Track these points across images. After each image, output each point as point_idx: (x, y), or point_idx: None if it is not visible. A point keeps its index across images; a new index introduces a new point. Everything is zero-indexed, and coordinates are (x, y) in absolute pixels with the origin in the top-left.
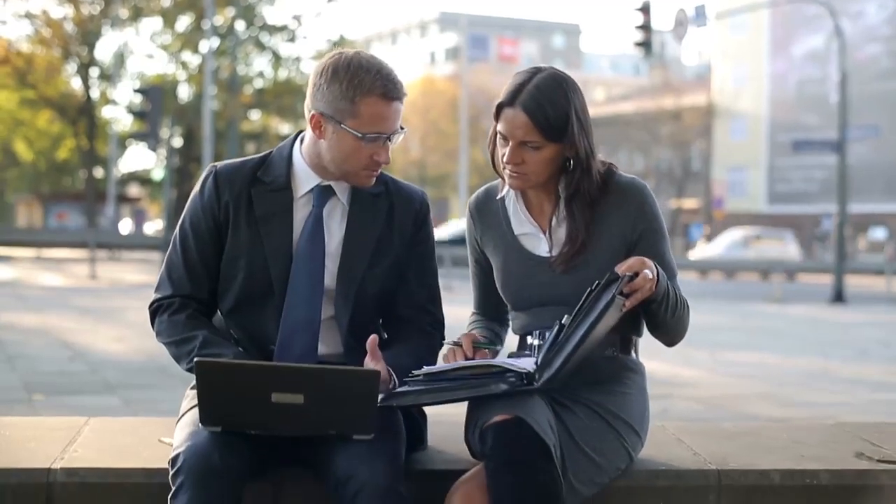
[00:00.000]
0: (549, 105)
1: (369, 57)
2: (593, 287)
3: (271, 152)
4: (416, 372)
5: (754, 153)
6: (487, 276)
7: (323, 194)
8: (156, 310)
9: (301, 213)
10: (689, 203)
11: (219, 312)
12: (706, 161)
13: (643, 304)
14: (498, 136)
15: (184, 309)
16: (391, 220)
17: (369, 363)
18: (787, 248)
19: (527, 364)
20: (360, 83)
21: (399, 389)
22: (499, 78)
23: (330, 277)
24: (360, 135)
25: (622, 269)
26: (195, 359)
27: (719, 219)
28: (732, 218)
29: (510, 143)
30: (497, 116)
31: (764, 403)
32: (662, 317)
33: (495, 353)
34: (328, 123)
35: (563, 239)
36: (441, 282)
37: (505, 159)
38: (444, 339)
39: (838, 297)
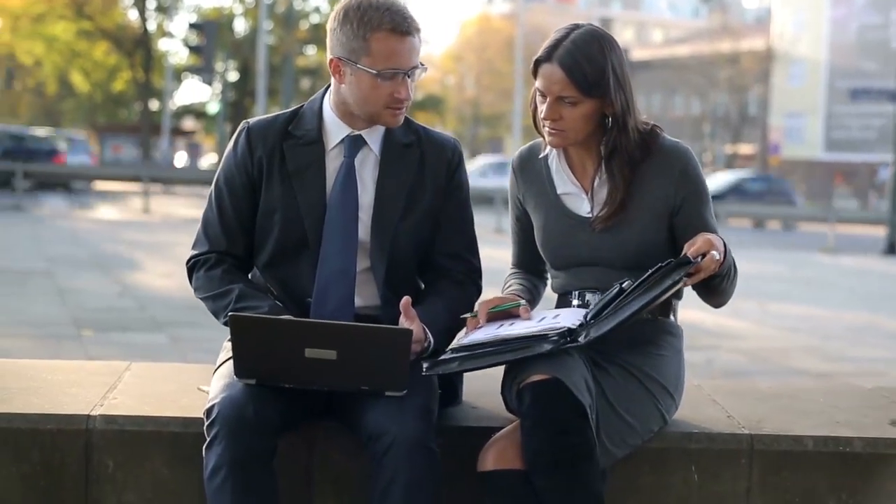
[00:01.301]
0: (584, 60)
1: None
2: (664, 264)
3: (302, 106)
4: (458, 342)
5: (812, 99)
6: (528, 233)
7: (354, 144)
8: (192, 266)
9: (333, 164)
10: (745, 149)
11: (255, 268)
12: (763, 106)
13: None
14: (536, 93)
15: (220, 264)
16: (423, 169)
17: (403, 322)
18: None
19: (572, 317)
20: (370, 20)
21: (443, 357)
22: (556, 18)
23: (364, 229)
24: (374, 72)
25: (691, 250)
26: (229, 313)
27: (775, 165)
28: (788, 164)
29: (548, 99)
30: (535, 73)
31: (809, 358)
32: (716, 287)
33: (518, 308)
34: (345, 66)
35: (604, 199)
36: (492, 223)
37: (543, 115)
38: (480, 289)
39: (891, 248)
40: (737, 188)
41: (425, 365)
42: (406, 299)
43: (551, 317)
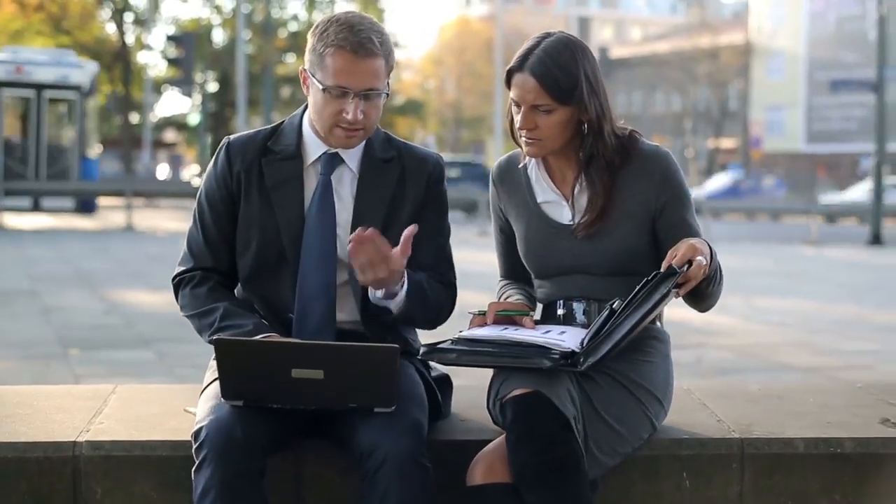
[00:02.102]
0: (556, 67)
1: (355, 16)
2: (650, 277)
3: (283, 122)
4: (460, 335)
5: (792, 92)
6: (511, 244)
7: (330, 162)
8: (178, 283)
9: (311, 181)
10: (727, 143)
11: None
12: (743, 100)
13: None
14: (512, 103)
15: (205, 282)
16: (404, 183)
17: (397, 253)
18: None
19: (576, 339)
20: (328, 36)
21: (442, 346)
22: (534, 18)
23: (342, 247)
24: (322, 87)
25: (676, 260)
26: (213, 337)
27: (757, 158)
28: (770, 158)
29: (522, 109)
30: (508, 84)
31: (797, 353)
32: (702, 291)
33: (524, 317)
34: (308, 79)
35: (584, 206)
36: (479, 228)
37: (518, 125)
38: (454, 301)
39: (876, 239)
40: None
41: (422, 350)
42: (410, 229)
43: (557, 332)
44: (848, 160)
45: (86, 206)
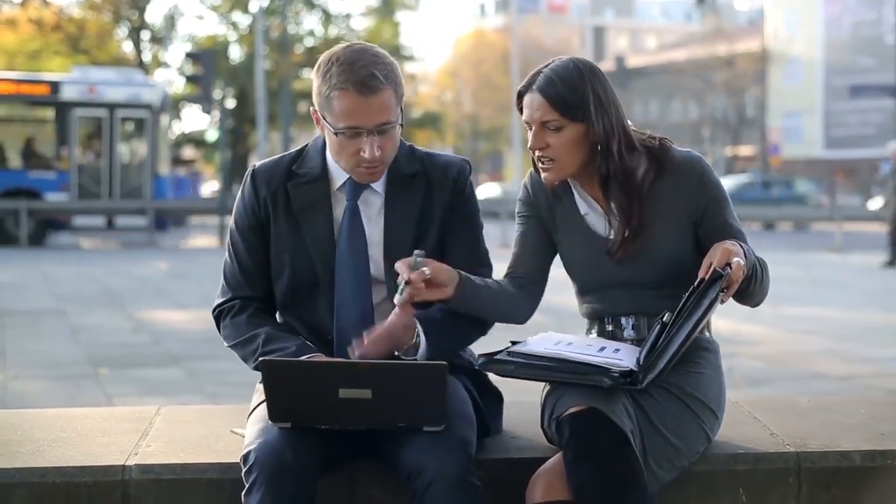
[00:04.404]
0: (561, 83)
1: (355, 50)
2: (696, 286)
3: (307, 145)
4: (514, 349)
5: (810, 98)
6: (537, 250)
7: (356, 186)
8: (218, 315)
9: (340, 203)
10: (745, 150)
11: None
12: (761, 107)
13: None
14: (526, 127)
15: (244, 310)
16: (430, 197)
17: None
18: None
19: (627, 357)
20: (331, 77)
21: (499, 357)
22: (550, 28)
23: (376, 267)
24: (334, 131)
25: (715, 264)
26: (260, 358)
27: (775, 165)
28: (789, 164)
29: (533, 128)
30: (520, 109)
31: (828, 361)
32: (751, 290)
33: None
34: (321, 119)
35: (617, 227)
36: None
37: (530, 145)
38: None
39: None
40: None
41: (480, 360)
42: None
43: (611, 350)
44: (866, 165)
45: (160, 223)
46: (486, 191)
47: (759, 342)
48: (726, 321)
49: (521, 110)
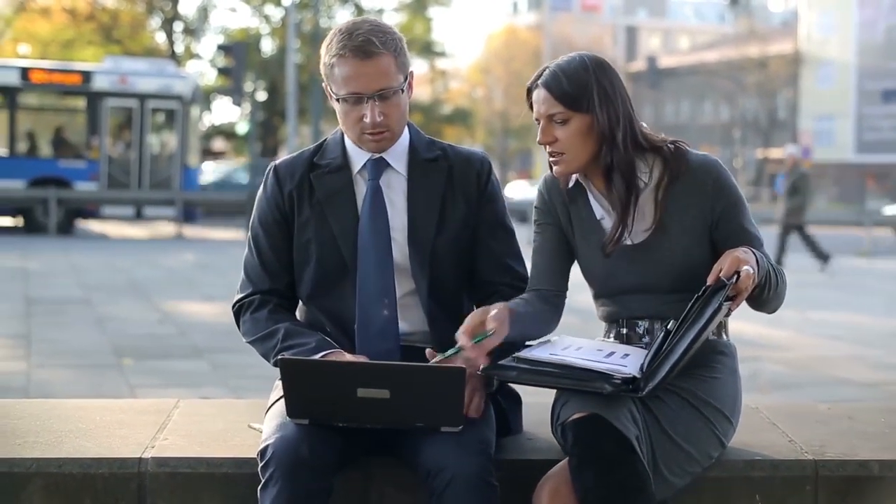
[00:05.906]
0: (564, 75)
1: (356, 21)
2: (700, 294)
3: (325, 139)
4: (521, 355)
5: (842, 101)
6: (558, 261)
7: (376, 166)
8: (238, 310)
9: (362, 188)
10: (776, 153)
11: (301, 302)
12: (793, 110)
13: None
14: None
15: (264, 305)
16: (452, 182)
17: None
18: None
19: (632, 364)
20: (331, 46)
21: (503, 362)
22: (582, 27)
23: (400, 249)
24: (337, 98)
25: (723, 272)
26: (279, 357)
27: (806, 168)
28: (820, 168)
29: (541, 123)
30: (530, 106)
31: (853, 367)
32: (765, 298)
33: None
34: (328, 90)
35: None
36: (528, 237)
37: (538, 140)
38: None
39: None
40: None
41: (483, 366)
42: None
43: (620, 355)
44: None
45: (189, 215)
46: (515, 190)
47: (784, 347)
48: (752, 325)
49: (531, 107)
